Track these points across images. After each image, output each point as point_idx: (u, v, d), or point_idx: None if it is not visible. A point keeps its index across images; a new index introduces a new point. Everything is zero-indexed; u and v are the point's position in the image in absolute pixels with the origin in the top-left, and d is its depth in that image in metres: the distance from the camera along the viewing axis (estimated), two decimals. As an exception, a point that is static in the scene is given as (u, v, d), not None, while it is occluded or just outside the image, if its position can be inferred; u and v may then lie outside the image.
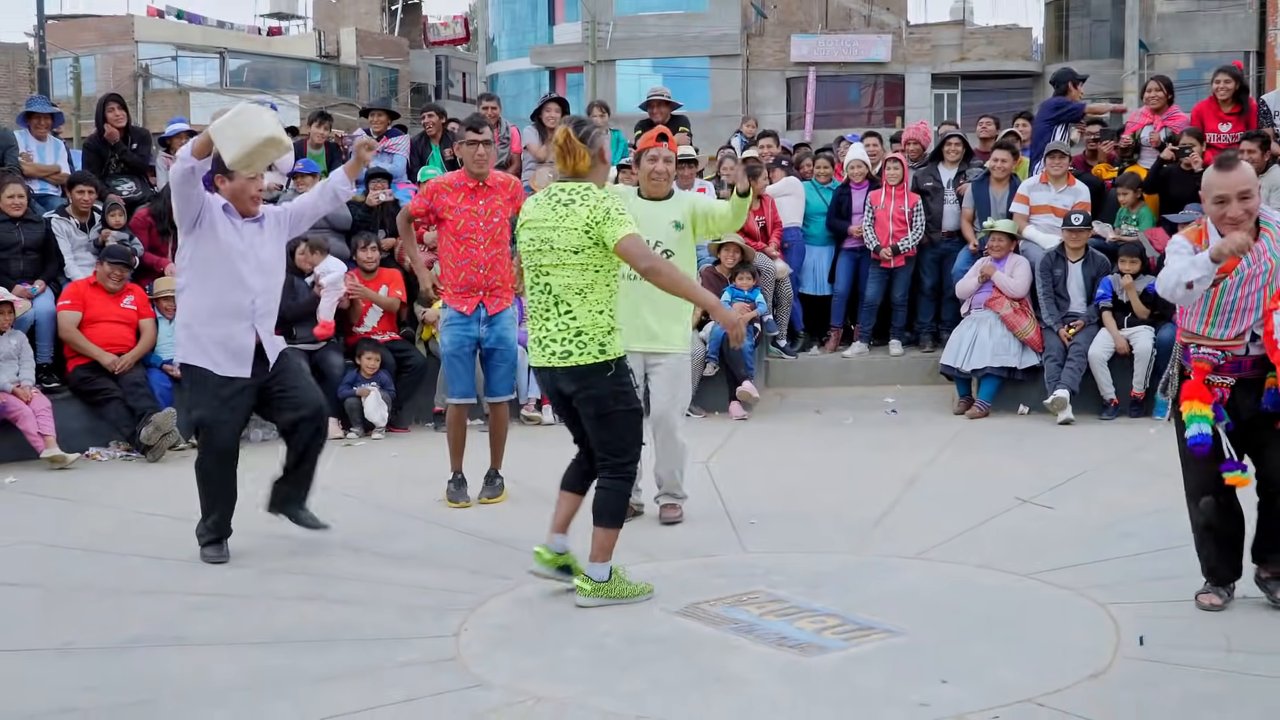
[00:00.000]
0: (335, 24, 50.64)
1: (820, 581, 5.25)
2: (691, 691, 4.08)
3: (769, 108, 36.69)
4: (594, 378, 4.88)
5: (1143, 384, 8.99)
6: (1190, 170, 9.47)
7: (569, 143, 4.90)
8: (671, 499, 6.46)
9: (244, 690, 4.19)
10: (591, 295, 4.89)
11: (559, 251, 4.87)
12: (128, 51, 43.98)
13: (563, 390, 5.01)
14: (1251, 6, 34.72)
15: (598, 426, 4.97)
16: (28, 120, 10.19)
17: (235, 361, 5.73)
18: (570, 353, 4.87)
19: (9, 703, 4.09)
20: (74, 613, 5.06)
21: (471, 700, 4.05)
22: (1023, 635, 4.57)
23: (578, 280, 4.88)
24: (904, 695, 3.99)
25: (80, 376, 8.56)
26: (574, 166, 4.94)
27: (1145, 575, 5.23)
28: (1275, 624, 4.64)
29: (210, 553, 5.79)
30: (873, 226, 10.32)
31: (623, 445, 4.99)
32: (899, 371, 10.42)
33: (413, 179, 10.51)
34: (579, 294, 4.89)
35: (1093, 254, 9.44)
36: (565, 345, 4.90)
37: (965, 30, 39.61)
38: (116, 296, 8.66)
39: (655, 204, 6.25)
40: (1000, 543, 5.82)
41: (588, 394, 4.92)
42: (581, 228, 4.81)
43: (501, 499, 6.86)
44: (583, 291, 4.88)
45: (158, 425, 8.24)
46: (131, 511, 6.67)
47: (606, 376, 4.89)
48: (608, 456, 4.99)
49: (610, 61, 37.63)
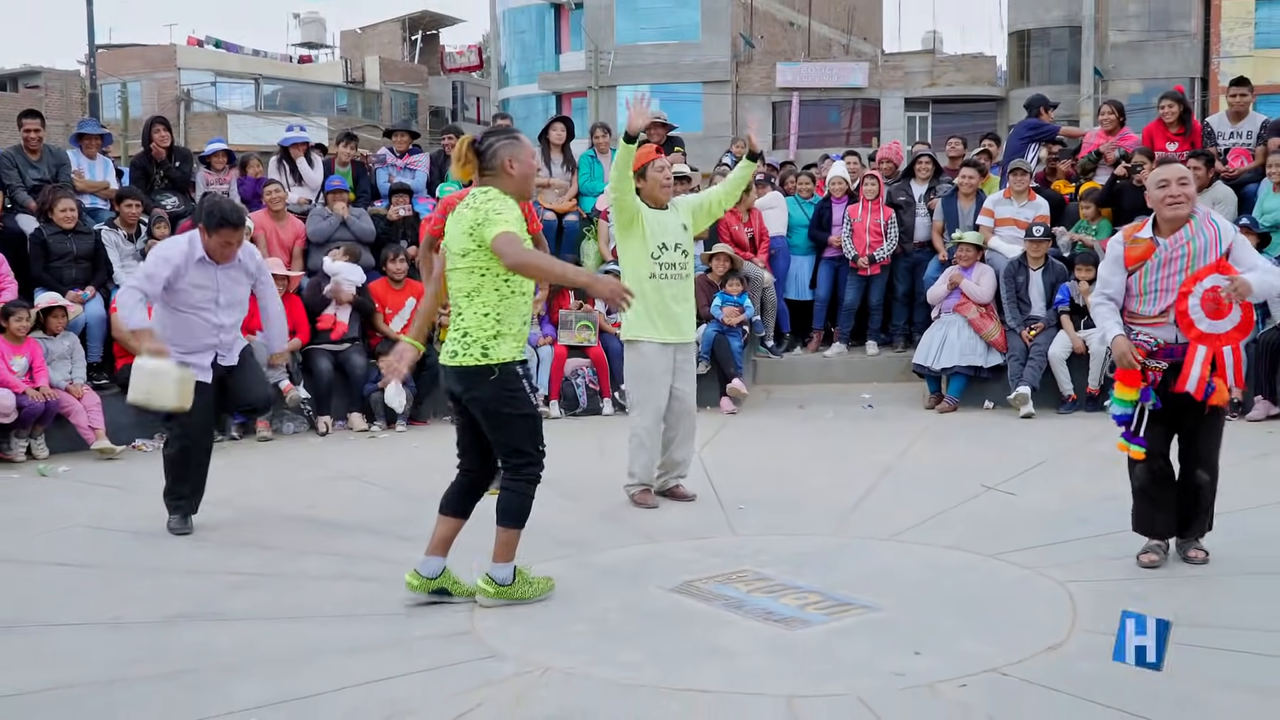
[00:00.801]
0: (360, 52, 50.63)
1: (803, 561, 5.25)
2: (686, 662, 4.08)
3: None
4: (477, 380, 4.53)
5: (1098, 380, 8.99)
6: (1141, 185, 9.48)
7: (460, 152, 4.61)
8: (680, 479, 6.56)
9: (279, 661, 4.20)
10: (478, 298, 4.54)
11: (454, 255, 4.60)
12: (171, 78, 43.97)
13: (452, 390, 4.68)
14: (1196, 37, 34.75)
15: (490, 429, 4.62)
16: (80, 140, 10.20)
17: (199, 371, 5.90)
18: (456, 353, 4.56)
19: (65, 673, 4.09)
20: (123, 590, 5.07)
21: (485, 669, 4.05)
22: (988, 610, 4.57)
23: (465, 283, 4.56)
24: (881, 666, 3.99)
25: (127, 375, 8.51)
26: (466, 174, 4.65)
27: (1100, 556, 5.23)
28: (1218, 599, 4.65)
29: (173, 522, 5.96)
30: (851, 238, 10.34)
31: (517, 448, 4.61)
32: (875, 370, 10.42)
33: (432, 194, 10.51)
34: (467, 296, 4.56)
35: (1052, 262, 9.47)
36: (453, 345, 4.58)
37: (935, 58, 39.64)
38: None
39: (663, 211, 6.36)
40: (968, 526, 5.83)
41: (472, 395, 4.58)
42: (467, 230, 4.52)
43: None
44: (470, 295, 4.55)
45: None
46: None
47: (490, 380, 4.52)
48: (505, 459, 4.66)
49: (611, 87, 37.60)
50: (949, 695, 3.74)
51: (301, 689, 3.90)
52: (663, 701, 3.73)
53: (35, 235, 8.81)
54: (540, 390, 9.42)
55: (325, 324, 9.20)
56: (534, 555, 5.17)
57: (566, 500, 6.34)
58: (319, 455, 7.94)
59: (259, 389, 6.36)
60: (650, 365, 6.39)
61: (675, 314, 6.38)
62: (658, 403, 6.41)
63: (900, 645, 4.17)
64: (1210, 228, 4.91)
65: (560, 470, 5.31)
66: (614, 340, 9.71)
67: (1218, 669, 3.86)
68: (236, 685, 3.94)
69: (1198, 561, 5.02)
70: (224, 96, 45.81)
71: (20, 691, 3.92)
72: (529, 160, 4.66)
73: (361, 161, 11.09)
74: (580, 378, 9.68)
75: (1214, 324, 4.86)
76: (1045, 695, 3.71)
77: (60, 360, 8.30)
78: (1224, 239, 4.90)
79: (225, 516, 6.05)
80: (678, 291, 6.39)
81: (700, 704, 3.70)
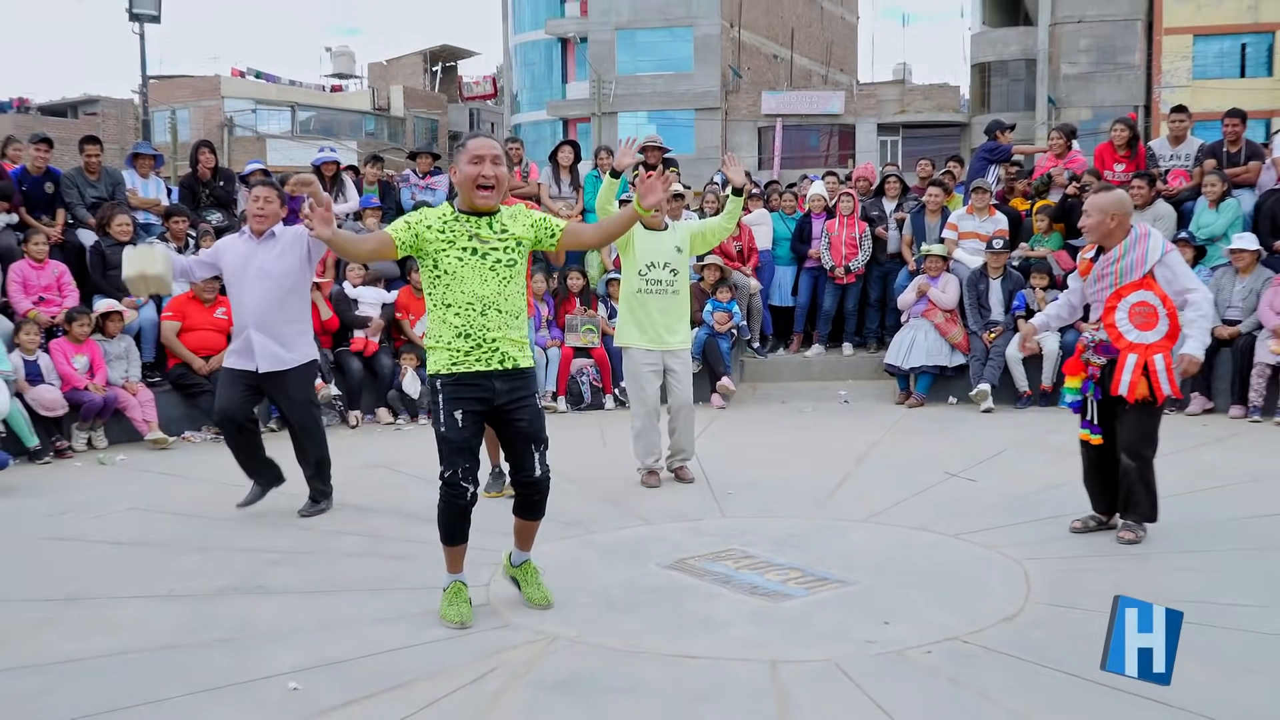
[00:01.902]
0: (386, 83, 50.61)
1: (785, 541, 5.26)
2: (679, 631, 4.09)
3: (744, 152, 36.61)
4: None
5: (1050, 378, 9.01)
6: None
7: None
8: (683, 461, 6.69)
9: (315, 630, 4.22)
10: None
11: None
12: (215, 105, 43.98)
13: None
14: (1140, 69, 34.79)
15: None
16: (134, 161, 10.21)
17: (236, 356, 5.84)
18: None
19: (124, 640, 4.11)
20: (174, 567, 5.09)
21: (500, 638, 4.07)
22: (951, 585, 4.59)
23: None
24: (855, 634, 4.01)
25: (178, 373, 8.58)
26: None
27: (1052, 536, 5.25)
28: (1156, 577, 4.66)
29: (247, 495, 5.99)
30: (829, 250, 10.35)
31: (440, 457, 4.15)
32: (850, 369, 10.43)
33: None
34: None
35: (1010, 272, 9.49)
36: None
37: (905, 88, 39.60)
38: (210, 307, 8.67)
39: (659, 234, 6.42)
40: (933, 509, 5.84)
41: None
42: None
43: (505, 493, 6.11)
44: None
45: (241, 413, 8.25)
46: (219, 484, 6.68)
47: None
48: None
49: (613, 113, 37.62)
50: (916, 661, 3.76)
51: (335, 654, 3.92)
52: (659, 666, 3.75)
53: (94, 248, 8.84)
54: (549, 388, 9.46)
55: (358, 346, 9.20)
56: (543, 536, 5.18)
57: (573, 486, 6.35)
58: (350, 445, 7.95)
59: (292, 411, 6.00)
60: (638, 367, 6.53)
61: (658, 325, 6.48)
62: (647, 399, 6.52)
63: (872, 616, 4.18)
64: (1140, 247, 4.99)
65: (566, 459, 5.33)
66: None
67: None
68: (277, 651, 3.96)
69: (1124, 541, 5.05)
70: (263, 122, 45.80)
71: (82, 657, 3.94)
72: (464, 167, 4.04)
73: (387, 181, 11.10)
74: (585, 376, 9.69)
75: (1142, 334, 4.97)
76: (1002, 660, 3.73)
77: (117, 360, 8.33)
78: (1149, 259, 4.97)
79: (267, 500, 6.06)
80: (664, 305, 6.50)
81: (692, 668, 3.72)
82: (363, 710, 3.47)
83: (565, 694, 3.55)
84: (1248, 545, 5.04)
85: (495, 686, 3.62)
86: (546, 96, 40.64)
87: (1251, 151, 9.65)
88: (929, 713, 3.37)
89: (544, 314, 9.74)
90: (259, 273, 5.76)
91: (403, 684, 3.65)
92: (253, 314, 5.76)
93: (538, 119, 40.52)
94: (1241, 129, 9.74)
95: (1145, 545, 5.04)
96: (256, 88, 46.85)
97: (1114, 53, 35.18)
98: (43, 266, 8.57)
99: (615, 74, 38.37)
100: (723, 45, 38.42)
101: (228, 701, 3.55)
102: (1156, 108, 32.56)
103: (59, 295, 8.57)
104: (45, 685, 3.70)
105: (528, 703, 3.50)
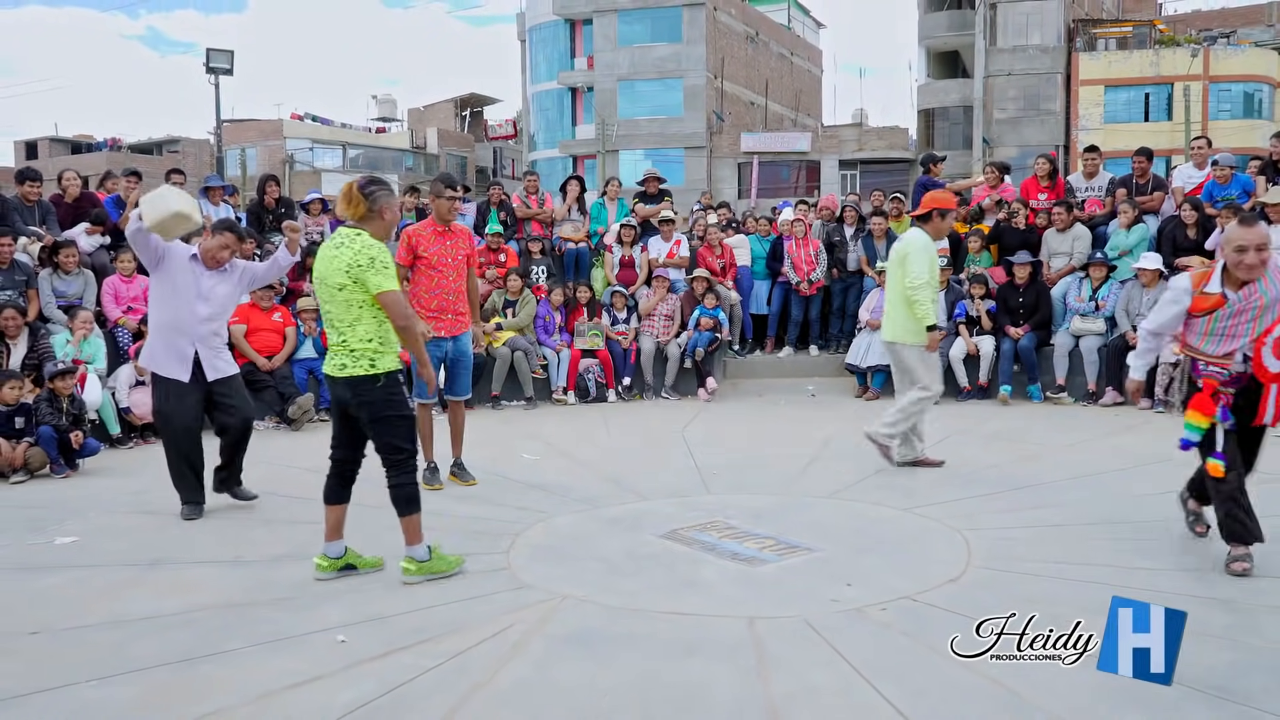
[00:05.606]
0: (423, 125, 50.54)
1: (761, 514, 5.23)
2: (672, 591, 4.06)
3: (725, 184, 36.67)
4: (365, 387, 4.10)
5: (987, 375, 8.99)
6: (1018, 227, 9.61)
7: (350, 193, 4.12)
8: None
9: (358, 591, 4.18)
10: (360, 326, 4.09)
11: (329, 287, 4.09)
12: (278, 144, 43.88)
13: (340, 397, 4.21)
14: (1060, 114, 34.86)
15: (374, 430, 4.17)
16: (207, 193, 10.14)
17: (179, 367, 5.42)
18: (345, 365, 4.11)
19: (196, 598, 4.07)
20: (241, 536, 5.05)
21: (517, 597, 4.02)
22: (902, 552, 4.55)
23: (346, 314, 4.08)
24: (821, 594, 3.97)
25: (244, 370, 8.41)
26: (350, 213, 4.12)
27: (989, 510, 5.21)
28: (1090, 543, 4.59)
29: (185, 510, 5.44)
30: (793, 269, 10.32)
31: (397, 444, 4.17)
32: (816, 367, 10.38)
33: (479, 233, 10.46)
34: (349, 325, 4.09)
35: (952, 285, 9.44)
36: (341, 359, 4.13)
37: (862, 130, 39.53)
38: (269, 312, 8.63)
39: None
40: (887, 487, 5.81)
41: (360, 400, 4.12)
42: (344, 268, 4.02)
43: (472, 483, 6.00)
44: (352, 324, 4.09)
45: (300, 405, 8.20)
46: (281, 465, 6.65)
47: (376, 387, 4.10)
48: (387, 456, 4.19)
49: (614, 151, 37.56)
50: (874, 616, 3.72)
51: (376, 611, 3.88)
52: (654, 622, 3.71)
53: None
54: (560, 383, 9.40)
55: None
56: (556, 509, 5.15)
57: (581, 468, 6.32)
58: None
59: (246, 408, 5.69)
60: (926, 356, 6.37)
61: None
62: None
63: (835, 578, 4.15)
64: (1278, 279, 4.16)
65: (576, 444, 5.28)
66: (617, 344, 9.69)
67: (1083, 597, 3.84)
68: (326, 608, 3.92)
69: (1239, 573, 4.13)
70: (319, 159, 45.73)
71: (161, 614, 3.90)
72: (396, 209, 4.20)
73: (422, 208, 11.04)
74: (591, 373, 9.64)
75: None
76: (947, 616, 3.68)
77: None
78: None
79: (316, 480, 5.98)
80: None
81: (683, 624, 3.68)
82: (400, 659, 3.42)
83: (575, 644, 3.51)
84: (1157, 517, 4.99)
85: (515, 638, 3.57)
86: (559, 137, 40.63)
87: (1157, 184, 9.67)
88: (884, 661, 3.33)
89: (557, 321, 9.70)
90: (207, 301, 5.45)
91: (435, 636, 3.60)
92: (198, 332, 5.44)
93: (551, 156, 40.51)
94: (1149, 165, 9.75)
95: (1060, 518, 4.99)
96: (313, 129, 46.78)
97: (1038, 100, 35.25)
98: (131, 280, 8.51)
99: (617, 118, 38.38)
100: (708, 94, 38.42)
101: (284, 652, 3.50)
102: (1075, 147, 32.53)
103: (144, 305, 8.50)
104: (125, 638, 3.65)
105: (543, 652, 3.46)
